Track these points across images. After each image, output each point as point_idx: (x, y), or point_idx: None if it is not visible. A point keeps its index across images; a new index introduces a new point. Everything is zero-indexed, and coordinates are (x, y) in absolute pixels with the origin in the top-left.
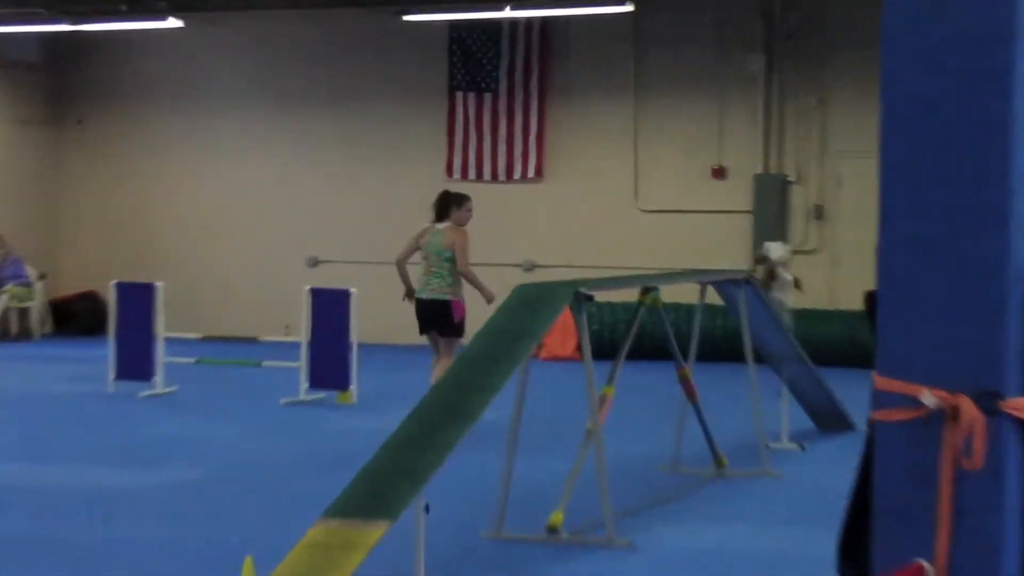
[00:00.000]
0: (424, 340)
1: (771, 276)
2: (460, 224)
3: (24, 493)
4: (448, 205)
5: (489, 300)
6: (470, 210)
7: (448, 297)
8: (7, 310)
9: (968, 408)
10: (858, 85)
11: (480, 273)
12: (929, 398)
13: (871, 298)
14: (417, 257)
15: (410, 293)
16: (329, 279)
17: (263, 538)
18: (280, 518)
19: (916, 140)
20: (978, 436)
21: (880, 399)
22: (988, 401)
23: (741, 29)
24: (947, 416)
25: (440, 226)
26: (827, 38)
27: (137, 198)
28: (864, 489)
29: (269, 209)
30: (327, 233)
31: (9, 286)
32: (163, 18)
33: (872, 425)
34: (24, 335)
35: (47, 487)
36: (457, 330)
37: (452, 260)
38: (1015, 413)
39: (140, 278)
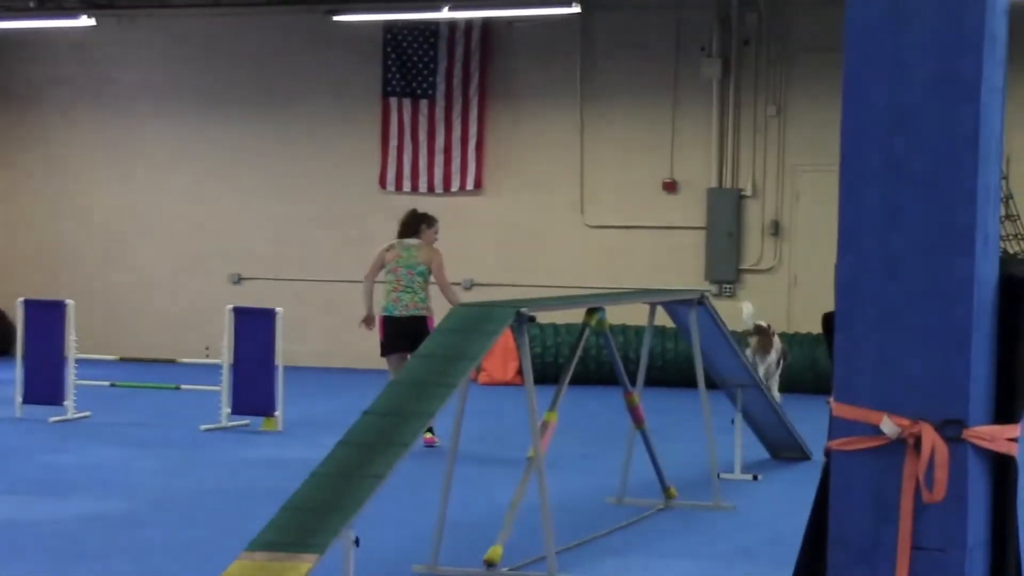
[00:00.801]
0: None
1: (763, 342)
2: (430, 243)
3: None
4: (418, 224)
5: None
6: (437, 232)
7: (424, 313)
8: None
9: (930, 437)
10: (818, 94)
11: None
12: (889, 426)
13: (829, 320)
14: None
15: (369, 318)
16: (253, 297)
17: (183, 574)
18: (201, 553)
19: (880, 154)
20: (940, 466)
21: (838, 427)
22: (951, 429)
23: (696, 33)
24: (908, 445)
25: (410, 242)
26: (787, 44)
27: (47, 209)
28: (820, 522)
29: (188, 221)
30: (251, 248)
31: None
32: (75, 16)
33: (829, 455)
34: None
35: None
36: None
37: (425, 276)
38: (979, 442)
39: (49, 295)
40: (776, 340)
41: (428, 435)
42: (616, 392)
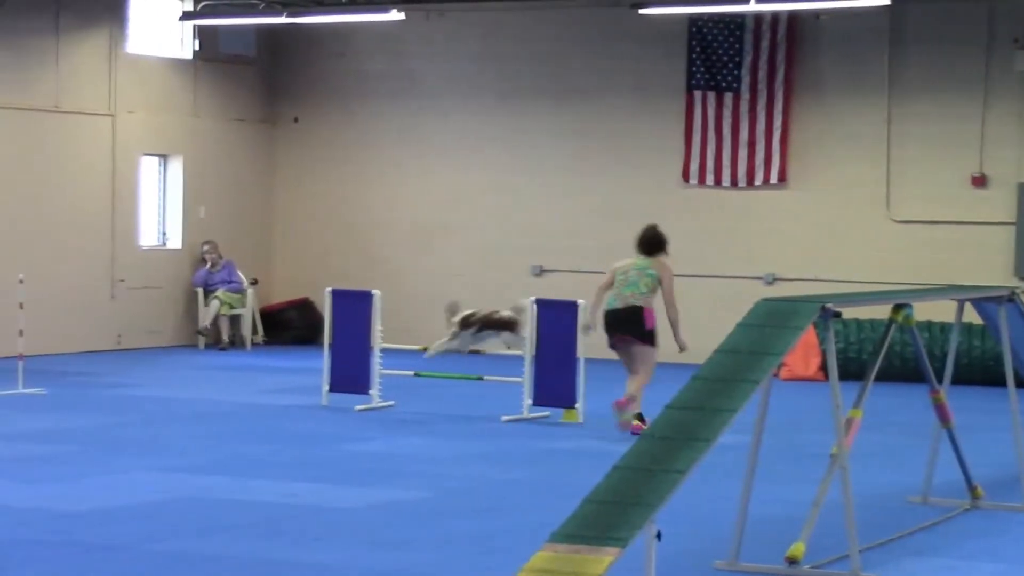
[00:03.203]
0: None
1: None
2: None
3: (232, 509)
4: (661, 243)
5: (681, 349)
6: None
7: (641, 304)
8: (218, 317)
9: None
10: None
11: (717, 285)
12: None
13: None
14: None
15: (587, 326)
16: (553, 289)
17: (484, 564)
18: (502, 544)
19: None
20: None
21: None
22: None
23: (1009, 24)
24: None
25: (646, 258)
26: None
27: (354, 201)
28: None
29: (491, 214)
30: (552, 240)
31: (220, 292)
32: (385, 10)
33: None
34: (235, 344)
35: (257, 504)
36: (650, 338)
37: (653, 278)
38: None
39: (356, 285)
40: None
41: (637, 422)
42: (921, 390)
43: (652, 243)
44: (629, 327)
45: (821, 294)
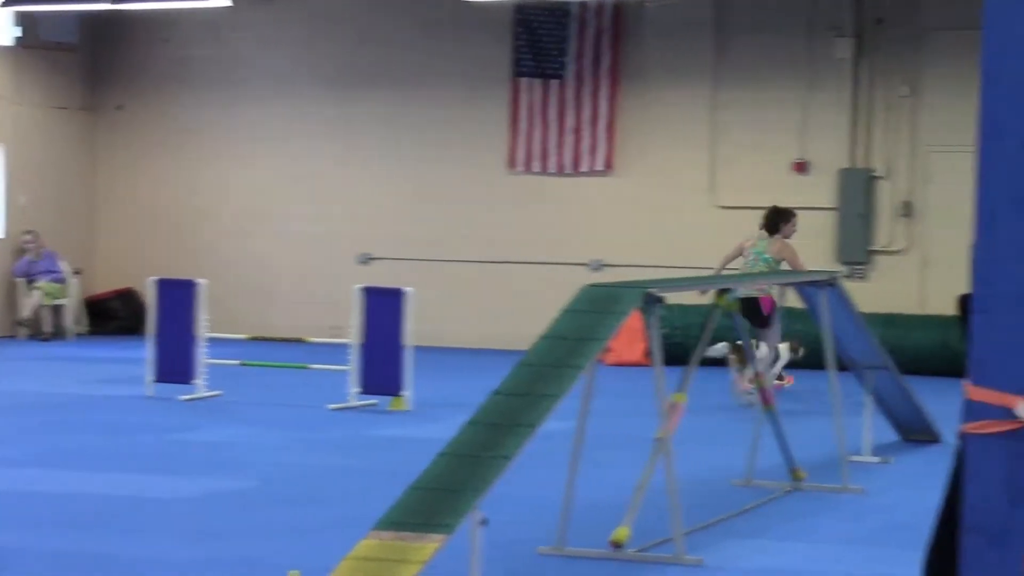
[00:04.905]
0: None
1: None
2: (786, 237)
3: (50, 502)
4: (777, 220)
5: None
6: (795, 226)
7: (756, 295)
8: (39, 308)
9: None
10: (952, 74)
11: (543, 272)
12: None
13: (965, 302)
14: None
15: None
16: (381, 277)
17: (309, 553)
18: (329, 532)
19: (1021, 134)
20: None
21: (972, 410)
22: None
23: (829, 13)
24: None
25: (767, 236)
26: (920, 22)
27: (179, 189)
28: (953, 507)
29: (318, 202)
30: (380, 228)
31: (42, 282)
32: None
33: (963, 438)
34: (58, 334)
35: (78, 496)
36: (767, 321)
37: (770, 264)
38: None
39: (181, 274)
40: None
41: (777, 382)
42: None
43: (769, 219)
44: (749, 319)
45: (645, 280)
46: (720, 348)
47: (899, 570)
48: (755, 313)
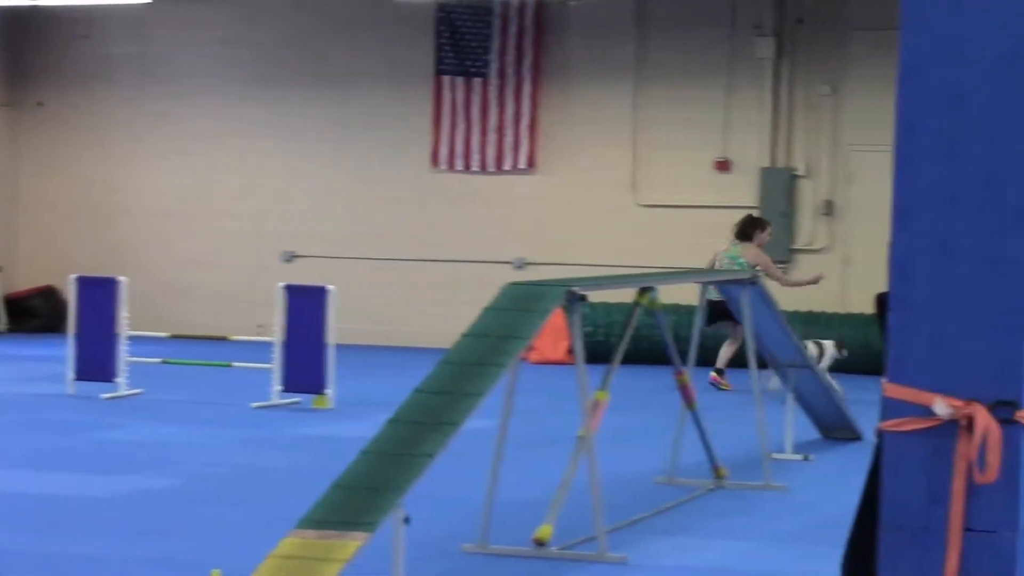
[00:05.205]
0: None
1: None
2: (760, 245)
3: None
4: (751, 229)
5: (816, 280)
6: (770, 233)
7: (720, 297)
8: None
9: (983, 418)
10: (873, 74)
11: (467, 270)
12: (942, 407)
13: (883, 300)
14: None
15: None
16: (305, 276)
17: (232, 552)
18: (251, 530)
19: (937, 134)
20: (992, 448)
21: (890, 408)
22: (1004, 411)
23: (750, 12)
24: (960, 426)
25: (740, 243)
26: (841, 23)
27: (101, 186)
28: (871, 503)
29: (241, 200)
30: (304, 226)
31: None
32: None
33: (881, 435)
34: None
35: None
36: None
37: (743, 268)
38: None
39: (103, 272)
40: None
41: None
42: (667, 372)
43: (742, 228)
44: (722, 319)
45: (568, 278)
46: (827, 351)
47: (821, 567)
48: (724, 314)
